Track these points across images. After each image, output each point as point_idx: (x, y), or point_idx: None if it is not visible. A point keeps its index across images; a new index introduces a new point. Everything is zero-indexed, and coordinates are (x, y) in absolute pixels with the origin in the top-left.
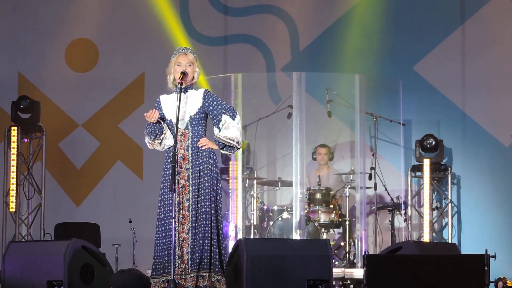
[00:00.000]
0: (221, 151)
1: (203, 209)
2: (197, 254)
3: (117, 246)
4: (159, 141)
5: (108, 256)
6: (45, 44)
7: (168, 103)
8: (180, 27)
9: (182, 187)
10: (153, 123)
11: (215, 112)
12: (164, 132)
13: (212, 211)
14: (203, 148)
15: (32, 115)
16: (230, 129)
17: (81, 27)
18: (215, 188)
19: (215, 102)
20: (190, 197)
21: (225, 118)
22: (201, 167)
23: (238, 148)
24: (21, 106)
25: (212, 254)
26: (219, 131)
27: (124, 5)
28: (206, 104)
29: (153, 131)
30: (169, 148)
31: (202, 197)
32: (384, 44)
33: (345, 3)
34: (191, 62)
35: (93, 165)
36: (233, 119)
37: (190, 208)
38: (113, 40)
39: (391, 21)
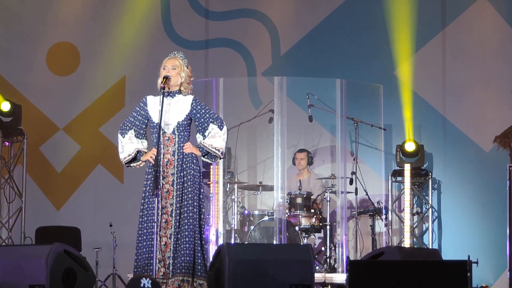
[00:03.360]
0: (203, 158)
1: (186, 214)
2: (179, 259)
3: (98, 250)
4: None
5: (88, 260)
6: (26, 47)
7: (155, 105)
8: (161, 31)
9: (166, 192)
10: (141, 153)
11: (202, 119)
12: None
13: (195, 216)
14: (186, 152)
15: (13, 118)
16: (217, 138)
17: (63, 30)
18: (197, 193)
19: (203, 110)
20: (174, 202)
21: (212, 127)
22: (185, 172)
23: (220, 158)
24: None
25: (196, 259)
26: (204, 139)
27: (106, 9)
28: (194, 111)
29: (132, 160)
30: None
31: (186, 202)
32: (365, 48)
33: (326, 8)
34: (175, 65)
35: (73, 169)
36: (220, 129)
37: (174, 213)
38: (94, 44)
39: (371, 26)
